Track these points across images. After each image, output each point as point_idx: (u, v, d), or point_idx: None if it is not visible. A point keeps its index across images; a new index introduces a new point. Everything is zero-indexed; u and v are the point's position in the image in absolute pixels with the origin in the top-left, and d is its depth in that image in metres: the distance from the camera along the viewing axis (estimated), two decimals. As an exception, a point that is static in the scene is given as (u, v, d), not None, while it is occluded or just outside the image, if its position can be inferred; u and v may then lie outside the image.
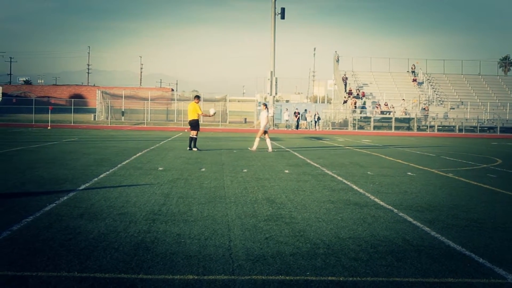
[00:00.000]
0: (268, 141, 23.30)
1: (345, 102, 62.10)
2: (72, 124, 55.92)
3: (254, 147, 23.46)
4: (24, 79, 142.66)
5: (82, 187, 11.74)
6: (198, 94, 28.05)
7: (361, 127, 58.70)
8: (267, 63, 59.37)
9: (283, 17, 57.98)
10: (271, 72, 58.04)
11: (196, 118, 23.09)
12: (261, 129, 23.35)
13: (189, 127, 23.49)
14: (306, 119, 59.36)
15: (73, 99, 69.54)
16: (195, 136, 23.15)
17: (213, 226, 8.16)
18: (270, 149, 22.95)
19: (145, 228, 7.88)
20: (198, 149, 22.84)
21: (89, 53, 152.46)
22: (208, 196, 10.91)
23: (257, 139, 23.52)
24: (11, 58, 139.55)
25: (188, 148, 22.91)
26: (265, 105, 24.22)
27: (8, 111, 71.11)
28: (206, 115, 24.79)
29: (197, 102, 23.40)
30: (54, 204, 9.55)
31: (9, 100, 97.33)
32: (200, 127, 23.74)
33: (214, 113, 24.52)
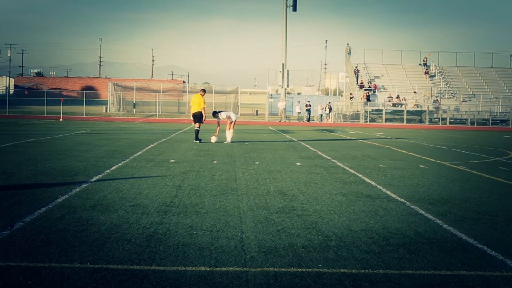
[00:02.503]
0: (228, 132, 23.43)
1: (351, 97, 61.95)
2: (84, 116, 56.02)
3: (229, 139, 23.34)
4: (36, 71, 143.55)
5: (94, 178, 11.79)
6: (204, 88, 27.96)
7: (372, 120, 58.50)
8: (279, 56, 59.27)
9: (294, 9, 57.76)
10: (283, 64, 57.92)
11: (200, 110, 23.05)
12: (234, 120, 23.35)
13: (193, 119, 23.43)
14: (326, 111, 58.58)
15: (85, 91, 69.71)
16: (198, 128, 23.16)
17: (225, 218, 8.18)
18: (228, 139, 23.18)
19: (157, 220, 7.91)
20: (200, 140, 22.80)
21: (100, 45, 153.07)
22: (220, 188, 10.93)
23: (231, 131, 23.42)
24: (23, 50, 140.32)
25: (198, 141, 22.86)
26: (215, 112, 23.72)
27: (20, 102, 71.57)
28: (205, 112, 24.44)
29: (203, 95, 23.40)
30: (67, 196, 9.60)
31: (21, 92, 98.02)
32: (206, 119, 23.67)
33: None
